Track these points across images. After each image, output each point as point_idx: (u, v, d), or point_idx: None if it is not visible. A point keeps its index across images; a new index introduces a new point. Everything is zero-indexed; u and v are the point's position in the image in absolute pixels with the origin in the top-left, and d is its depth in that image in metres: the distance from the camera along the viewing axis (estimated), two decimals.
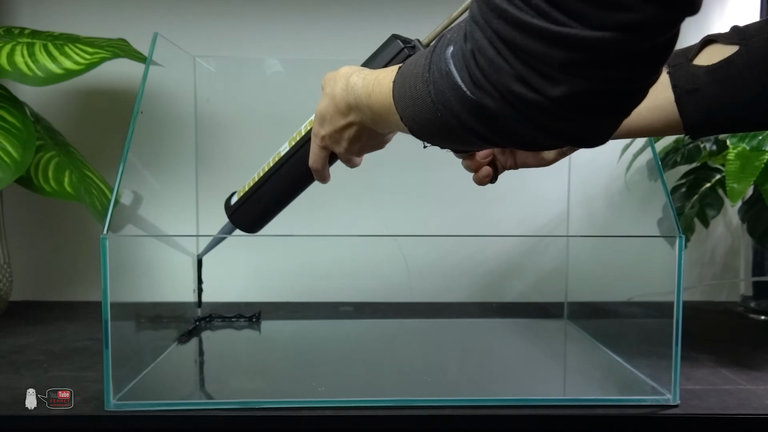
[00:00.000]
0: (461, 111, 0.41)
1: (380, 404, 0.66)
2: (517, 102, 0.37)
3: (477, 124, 0.41)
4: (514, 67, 0.36)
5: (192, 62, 1.00)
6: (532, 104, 0.37)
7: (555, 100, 0.36)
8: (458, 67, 0.40)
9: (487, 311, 1.12)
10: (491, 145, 0.45)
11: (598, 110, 0.37)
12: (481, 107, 0.40)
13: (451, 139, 0.47)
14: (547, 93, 0.36)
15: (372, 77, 0.55)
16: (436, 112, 0.44)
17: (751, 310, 1.10)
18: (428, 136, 0.49)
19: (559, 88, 0.35)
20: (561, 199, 1.12)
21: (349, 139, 0.62)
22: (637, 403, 0.68)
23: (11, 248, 1.07)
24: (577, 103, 0.36)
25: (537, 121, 0.38)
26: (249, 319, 1.02)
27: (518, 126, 0.39)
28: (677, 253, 0.67)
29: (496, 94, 0.38)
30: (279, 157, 0.68)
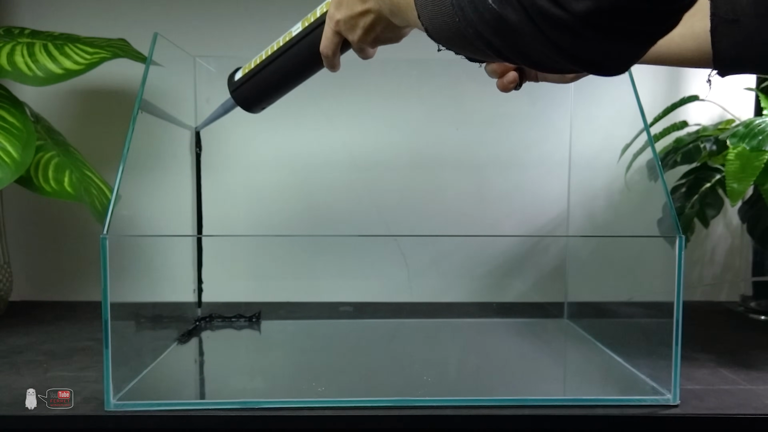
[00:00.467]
0: (479, 21, 0.39)
1: (380, 404, 0.66)
2: (539, 17, 0.36)
3: (494, 36, 0.40)
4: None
5: (192, 62, 1.00)
6: (554, 20, 0.35)
7: (578, 15, 0.34)
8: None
9: (487, 311, 1.12)
10: (504, 60, 0.43)
11: (623, 33, 0.35)
12: (501, 19, 0.38)
13: (465, 47, 0.45)
14: (571, 7, 0.34)
15: None
16: (453, 17, 0.42)
17: (751, 310, 1.10)
18: (443, 40, 0.47)
19: (583, 2, 0.34)
20: (561, 199, 1.12)
21: (364, 27, 0.59)
22: (637, 403, 0.68)
23: (11, 248, 1.07)
24: (601, 21, 0.34)
25: (556, 40, 0.37)
26: (249, 319, 1.02)
27: (536, 44, 0.38)
28: (677, 253, 0.67)
29: (518, 7, 0.37)
30: (290, 36, 0.64)
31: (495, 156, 1.14)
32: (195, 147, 1.02)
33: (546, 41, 0.37)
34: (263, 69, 0.67)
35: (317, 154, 1.13)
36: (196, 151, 1.02)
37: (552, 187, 1.13)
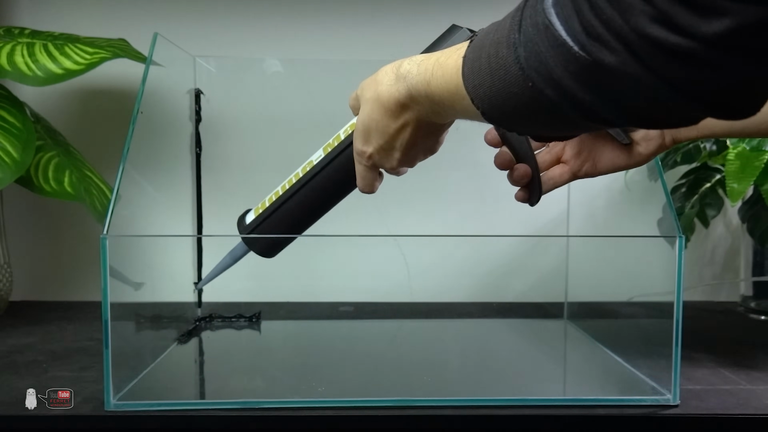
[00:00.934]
0: (564, 74, 0.32)
1: (380, 404, 0.66)
2: (650, 51, 0.29)
3: (585, 91, 0.32)
4: (652, 3, 0.28)
5: (192, 62, 1.00)
6: (675, 51, 0.28)
7: (709, 39, 0.27)
8: (564, 17, 0.32)
9: (487, 311, 1.12)
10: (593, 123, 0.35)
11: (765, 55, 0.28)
12: (594, 66, 0.31)
13: (538, 118, 0.37)
14: (700, 30, 0.27)
15: (430, 61, 0.45)
16: (526, 82, 0.34)
17: (751, 310, 1.10)
18: (505, 117, 0.39)
19: (717, 21, 0.27)
20: (561, 199, 1.12)
21: (402, 147, 0.52)
22: (637, 403, 0.68)
23: (11, 248, 1.06)
24: (738, 42, 0.27)
25: (673, 77, 0.29)
26: (249, 319, 1.02)
27: (646, 89, 0.30)
28: (677, 253, 0.67)
29: (618, 46, 0.30)
30: (311, 166, 0.57)
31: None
32: (195, 147, 1.02)
33: (657, 82, 0.30)
34: (281, 206, 0.59)
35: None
36: (196, 151, 1.02)
37: None
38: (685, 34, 0.28)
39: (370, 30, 1.16)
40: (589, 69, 0.31)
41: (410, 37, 1.16)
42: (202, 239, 1.04)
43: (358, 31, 1.16)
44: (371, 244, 1.15)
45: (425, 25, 1.15)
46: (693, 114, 0.33)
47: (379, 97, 0.50)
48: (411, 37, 1.16)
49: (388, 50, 1.16)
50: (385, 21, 1.15)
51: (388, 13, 1.15)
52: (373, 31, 1.16)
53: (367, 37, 1.16)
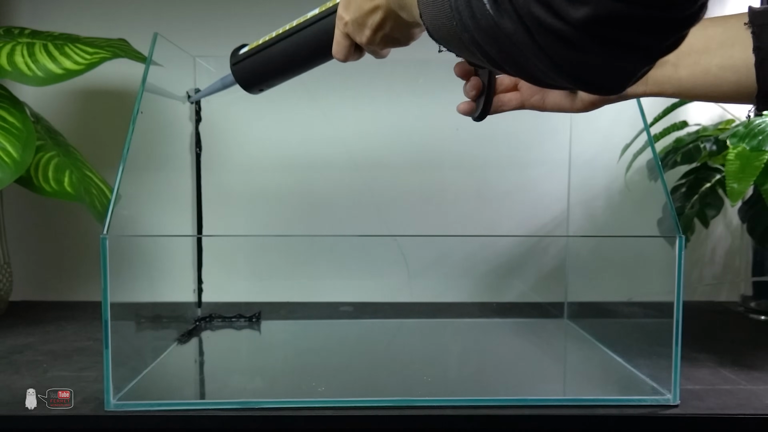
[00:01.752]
0: (475, 27, 0.38)
1: (380, 404, 0.66)
2: (534, 26, 0.34)
3: (490, 45, 0.38)
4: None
5: (192, 62, 1.00)
6: (549, 30, 0.33)
7: (575, 24, 0.32)
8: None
9: (487, 311, 1.12)
10: (500, 70, 0.41)
11: (621, 45, 0.33)
12: (496, 27, 0.36)
13: (462, 51, 0.43)
14: (568, 15, 0.32)
15: None
16: (451, 20, 0.40)
17: (751, 310, 1.10)
18: (443, 41, 0.45)
19: (581, 8, 0.32)
20: (561, 199, 1.12)
21: (372, 27, 0.56)
22: (637, 403, 0.68)
23: (11, 248, 1.07)
24: (600, 29, 0.32)
25: (551, 51, 0.35)
26: (249, 319, 1.02)
27: (531, 55, 0.36)
28: (677, 253, 0.67)
29: (514, 16, 0.35)
30: (304, 19, 0.61)
31: (495, 156, 1.14)
32: (195, 147, 1.02)
33: (541, 53, 0.35)
34: (269, 47, 0.64)
35: (317, 154, 1.13)
36: (196, 151, 1.02)
37: (552, 187, 1.13)
38: (559, 18, 0.33)
39: None
40: (493, 28, 0.36)
41: None
42: (202, 239, 1.04)
43: None
44: (371, 244, 1.15)
45: None
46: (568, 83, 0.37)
47: None
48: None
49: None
50: None
51: None
52: None
53: None
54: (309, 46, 0.62)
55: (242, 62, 0.66)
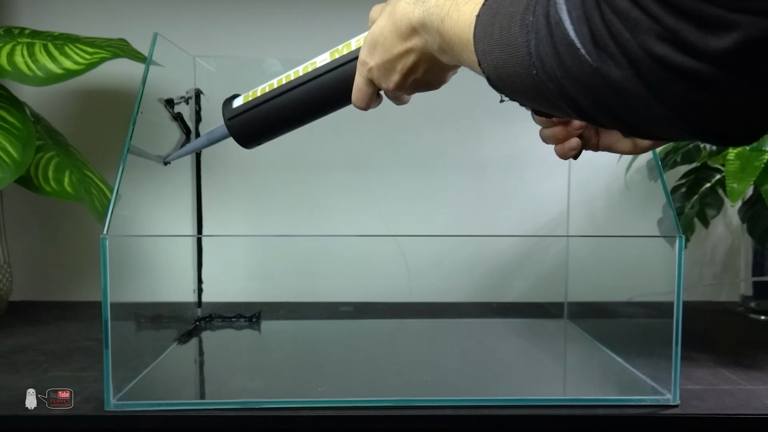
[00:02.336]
0: (564, 76, 0.32)
1: (380, 404, 0.66)
2: (655, 70, 0.28)
3: (583, 95, 0.32)
4: (660, 20, 0.27)
5: (192, 62, 1.00)
6: (680, 70, 0.27)
7: (716, 56, 0.26)
8: (574, 18, 0.31)
9: (487, 311, 1.12)
10: (585, 120, 0.36)
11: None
12: (597, 75, 0.30)
13: (539, 102, 0.37)
14: (708, 47, 0.26)
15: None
16: (530, 69, 0.34)
17: (751, 310, 1.10)
18: (509, 91, 0.39)
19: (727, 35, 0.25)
20: (561, 199, 1.12)
21: (402, 71, 0.50)
22: (637, 403, 0.68)
23: (11, 248, 1.07)
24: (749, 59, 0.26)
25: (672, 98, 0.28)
26: (249, 319, 1.02)
27: (640, 105, 0.30)
28: (677, 253, 0.67)
29: (623, 61, 0.29)
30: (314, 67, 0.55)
31: (495, 156, 1.14)
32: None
33: (656, 101, 0.29)
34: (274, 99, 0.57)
35: (317, 154, 1.13)
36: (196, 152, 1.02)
37: (552, 187, 1.13)
38: (693, 54, 0.27)
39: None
40: (591, 76, 0.31)
41: None
42: (202, 239, 1.04)
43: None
44: (371, 244, 1.15)
45: None
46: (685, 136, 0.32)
47: (394, 12, 0.49)
48: None
49: None
50: None
51: None
52: None
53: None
54: (324, 96, 0.56)
55: (240, 116, 0.58)
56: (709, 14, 0.26)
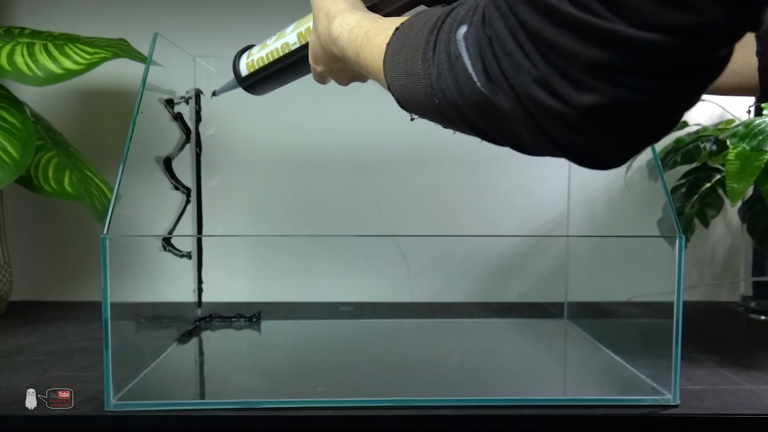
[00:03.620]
0: (465, 103, 0.36)
1: (380, 404, 0.66)
2: (533, 107, 0.32)
3: (481, 120, 0.36)
4: (537, 66, 0.31)
5: (192, 62, 1.00)
6: (550, 112, 0.32)
7: (579, 109, 0.30)
8: (471, 54, 0.35)
9: (487, 311, 1.12)
10: (486, 140, 0.40)
11: (626, 128, 0.31)
12: (490, 104, 0.34)
13: (444, 123, 0.42)
14: (571, 100, 0.30)
15: (361, 31, 0.48)
16: (432, 98, 0.38)
17: (751, 310, 1.10)
18: (414, 111, 0.44)
19: (586, 95, 0.30)
20: (561, 199, 1.12)
21: (346, 77, 0.58)
22: (637, 403, 0.68)
23: (11, 248, 1.07)
24: (604, 115, 0.31)
25: (551, 131, 0.33)
26: (249, 319, 1.02)
27: (527, 133, 0.34)
28: (677, 253, 0.67)
29: (511, 94, 0.33)
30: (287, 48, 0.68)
31: (495, 155, 1.14)
32: (195, 147, 1.02)
33: (539, 131, 0.33)
34: (266, 72, 0.72)
35: (317, 153, 1.13)
36: (196, 151, 1.02)
37: (552, 187, 1.13)
38: (561, 100, 0.31)
39: None
40: (486, 104, 0.35)
41: None
42: (202, 239, 1.04)
43: None
44: (371, 244, 1.15)
45: None
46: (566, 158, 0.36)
47: (319, 37, 0.54)
48: None
49: None
50: None
51: None
52: None
53: None
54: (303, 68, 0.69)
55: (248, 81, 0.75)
56: (576, 73, 0.30)
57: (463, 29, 0.36)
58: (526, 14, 0.31)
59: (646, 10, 0.27)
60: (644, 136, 0.33)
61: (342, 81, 0.61)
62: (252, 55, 0.74)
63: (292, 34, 0.67)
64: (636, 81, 0.29)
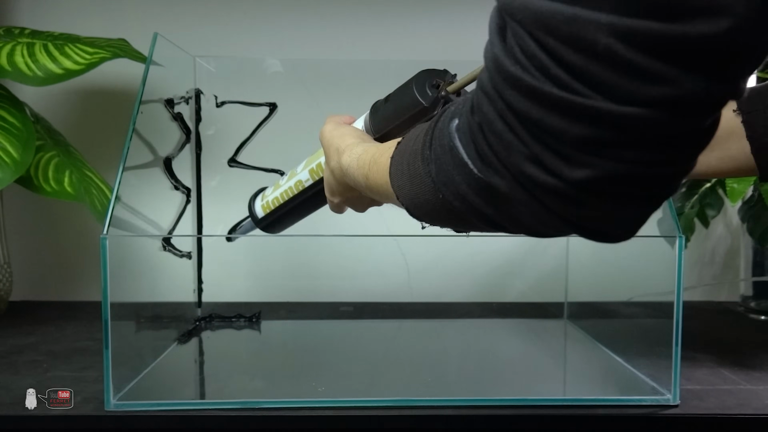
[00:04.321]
0: (467, 191, 0.36)
1: (380, 404, 0.66)
2: (529, 185, 0.32)
3: (486, 206, 0.36)
4: (527, 145, 0.31)
5: (192, 62, 1.00)
6: (546, 188, 0.32)
7: (573, 184, 0.31)
8: (464, 142, 0.36)
9: (487, 311, 1.12)
10: (499, 230, 0.40)
11: (626, 198, 0.32)
12: (489, 187, 0.35)
13: (453, 221, 0.42)
14: (563, 175, 0.31)
15: (367, 156, 0.50)
16: (437, 194, 0.39)
17: (751, 310, 1.10)
18: (427, 217, 0.45)
19: (578, 171, 0.30)
20: None
21: (364, 205, 0.61)
22: (637, 403, 0.68)
23: (11, 248, 1.07)
24: (599, 188, 0.31)
25: (552, 207, 0.33)
26: (249, 319, 1.02)
27: (531, 212, 0.34)
28: (677, 253, 0.67)
29: (506, 174, 0.33)
30: (301, 186, 0.71)
31: None
32: (195, 147, 1.02)
33: (541, 208, 0.33)
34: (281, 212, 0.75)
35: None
36: (196, 151, 1.02)
37: None
38: (554, 175, 0.31)
39: (370, 30, 1.16)
40: (485, 188, 0.35)
41: (410, 37, 1.17)
42: (202, 239, 1.04)
43: (359, 30, 1.16)
44: (371, 244, 1.15)
45: (425, 25, 1.15)
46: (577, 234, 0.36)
47: (333, 173, 0.57)
48: (411, 36, 1.16)
49: (389, 50, 1.16)
50: (386, 21, 1.15)
51: (388, 13, 1.15)
52: (374, 30, 1.16)
53: (367, 37, 1.16)
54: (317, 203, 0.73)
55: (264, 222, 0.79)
56: (565, 149, 0.30)
57: (456, 122, 0.37)
58: (512, 97, 0.31)
59: (624, 86, 0.28)
60: (646, 203, 0.33)
61: (359, 208, 0.63)
62: (266, 197, 0.77)
63: (304, 172, 0.70)
64: (626, 153, 0.29)
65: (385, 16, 1.15)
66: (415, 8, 1.15)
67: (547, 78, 0.29)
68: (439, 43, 1.14)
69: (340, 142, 0.56)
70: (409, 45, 1.15)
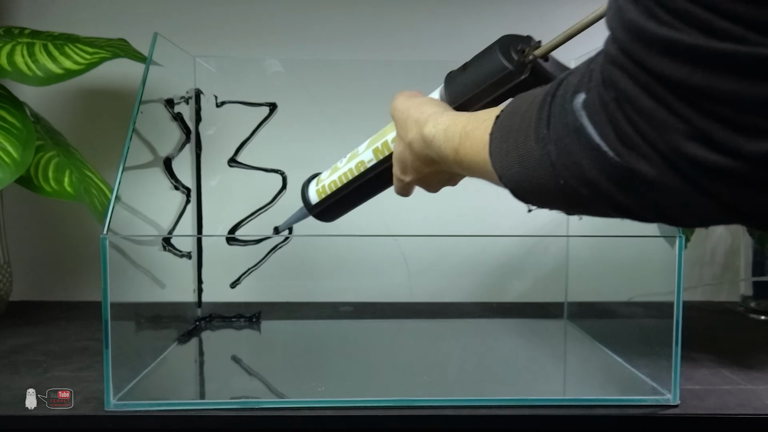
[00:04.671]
0: (598, 178, 0.32)
1: (380, 404, 0.66)
2: (690, 168, 0.28)
3: (623, 195, 0.31)
4: (688, 120, 0.27)
5: (192, 62, 1.00)
6: (713, 169, 0.27)
7: (754, 159, 0.26)
8: (596, 122, 0.31)
9: (487, 311, 1.12)
10: (629, 218, 0.34)
11: None
12: (631, 174, 0.30)
13: (572, 207, 0.37)
14: (744, 151, 0.26)
15: (457, 128, 0.45)
16: (556, 179, 0.34)
17: (751, 310, 1.10)
18: (536, 200, 0.39)
19: (761, 142, 0.25)
20: None
21: (438, 183, 0.57)
22: (637, 403, 0.68)
23: (11, 248, 1.06)
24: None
25: (718, 193, 0.28)
26: (249, 319, 1.02)
27: (684, 201, 0.29)
28: (677, 253, 0.67)
29: (656, 158, 0.28)
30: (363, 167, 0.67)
31: None
32: (195, 147, 1.02)
33: (703, 195, 0.28)
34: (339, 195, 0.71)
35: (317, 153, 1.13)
36: (196, 152, 1.02)
37: None
38: (726, 153, 0.26)
39: (370, 30, 1.16)
40: (625, 175, 0.30)
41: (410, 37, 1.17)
42: (202, 239, 1.04)
43: (359, 31, 1.16)
44: (371, 244, 1.15)
45: (425, 25, 1.15)
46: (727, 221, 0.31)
47: (411, 145, 0.52)
48: (411, 36, 1.16)
49: (389, 50, 1.16)
50: (386, 21, 1.15)
51: (389, 13, 1.15)
52: (374, 31, 1.16)
53: (367, 37, 1.16)
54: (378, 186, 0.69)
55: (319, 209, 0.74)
56: (743, 118, 0.26)
57: (581, 97, 0.32)
58: (662, 64, 0.27)
59: None
60: None
61: (432, 187, 0.59)
62: (322, 180, 0.73)
63: (368, 152, 0.67)
64: None
65: (385, 16, 1.15)
66: (415, 8, 1.15)
67: (709, 34, 0.25)
68: (440, 43, 1.14)
69: (418, 112, 0.51)
70: (409, 45, 1.15)
